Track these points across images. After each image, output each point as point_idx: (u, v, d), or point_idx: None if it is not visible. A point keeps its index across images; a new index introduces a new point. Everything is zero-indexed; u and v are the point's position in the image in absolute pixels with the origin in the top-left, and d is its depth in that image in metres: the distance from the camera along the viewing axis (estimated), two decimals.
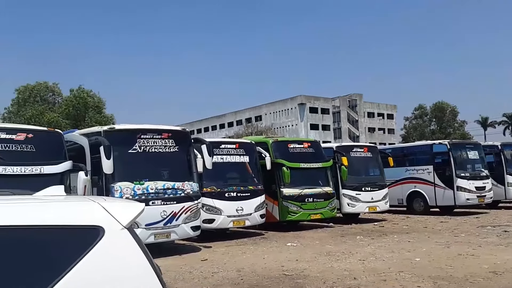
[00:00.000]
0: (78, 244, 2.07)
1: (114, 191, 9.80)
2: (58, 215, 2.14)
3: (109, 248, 2.11)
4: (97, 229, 2.12)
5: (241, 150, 13.51)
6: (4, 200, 2.37)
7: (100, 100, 48.22)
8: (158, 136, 10.75)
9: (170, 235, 10.33)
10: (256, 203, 13.04)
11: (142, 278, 2.15)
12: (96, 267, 2.05)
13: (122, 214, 2.21)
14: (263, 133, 47.21)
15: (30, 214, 2.11)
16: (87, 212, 2.19)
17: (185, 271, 8.47)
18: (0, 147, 8.73)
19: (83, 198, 2.48)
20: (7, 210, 2.12)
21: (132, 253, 2.16)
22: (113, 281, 2.08)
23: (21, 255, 1.99)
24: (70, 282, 1.97)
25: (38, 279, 1.95)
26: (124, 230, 2.19)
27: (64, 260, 2.01)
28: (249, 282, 7.56)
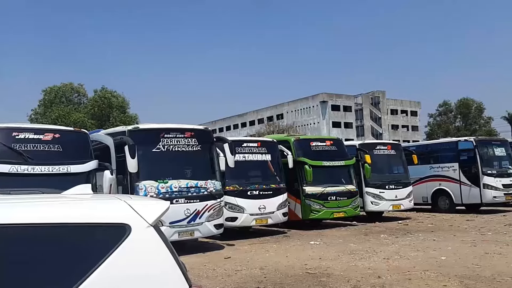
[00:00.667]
0: (105, 242, 2.13)
1: (139, 189, 9.95)
2: (86, 213, 2.20)
3: (136, 246, 2.16)
4: (123, 227, 2.17)
5: (263, 148, 13.53)
6: (34, 198, 2.45)
7: (124, 100, 49.02)
8: (181, 135, 10.86)
9: (193, 233, 10.43)
10: (278, 202, 13.04)
11: (168, 275, 2.20)
12: (123, 264, 2.11)
13: (148, 212, 2.27)
14: (284, 132, 47.09)
15: (60, 212, 2.18)
16: (114, 210, 2.25)
17: (209, 269, 8.55)
18: (29, 147, 8.96)
19: (110, 197, 2.54)
20: (37, 208, 2.20)
21: (158, 251, 2.21)
22: (140, 278, 2.13)
23: (52, 252, 2.06)
24: (98, 278, 2.03)
25: (68, 276, 2.01)
26: (150, 227, 2.24)
27: (92, 257, 2.07)
28: (272, 280, 7.58)
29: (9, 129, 9.05)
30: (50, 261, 2.04)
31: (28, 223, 2.05)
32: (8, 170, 8.49)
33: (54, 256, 2.05)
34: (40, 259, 2.03)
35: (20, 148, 8.82)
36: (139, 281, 2.12)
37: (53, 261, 2.04)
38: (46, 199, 2.45)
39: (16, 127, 9.26)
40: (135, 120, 46.45)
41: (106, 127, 28.86)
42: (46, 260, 2.04)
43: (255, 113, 78.47)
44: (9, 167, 8.51)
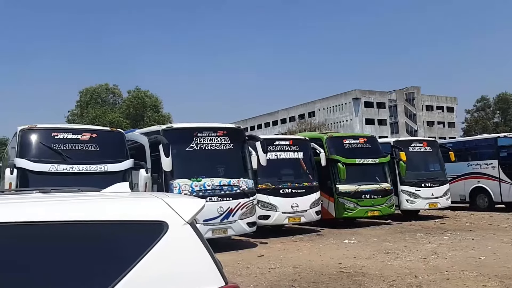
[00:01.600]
0: (143, 239, 2.16)
1: (173, 187, 10.10)
2: (125, 211, 2.25)
3: (173, 243, 2.19)
4: (161, 224, 2.20)
5: (295, 146, 13.48)
6: (75, 196, 2.51)
7: (157, 99, 49.86)
8: (213, 134, 10.96)
9: (227, 231, 10.51)
10: (311, 200, 12.96)
11: (205, 272, 2.21)
12: (161, 261, 2.14)
13: (184, 209, 2.29)
14: (316, 129, 46.77)
15: (100, 209, 2.23)
16: (152, 208, 2.29)
17: (242, 267, 8.59)
18: (67, 147, 9.25)
19: (148, 195, 2.58)
20: (78, 206, 2.26)
21: (194, 248, 2.23)
22: (177, 275, 2.16)
23: (92, 249, 2.11)
24: (137, 275, 2.07)
25: (108, 272, 2.05)
26: (187, 225, 2.26)
27: (131, 254, 2.11)
28: (306, 278, 7.55)
29: (49, 130, 9.36)
30: (90, 257, 2.09)
31: (69, 221, 2.10)
32: (48, 169, 8.79)
33: (94, 253, 2.10)
34: (80, 255, 2.08)
35: (59, 148, 9.12)
36: (176, 278, 2.15)
37: (93, 257, 2.09)
38: (86, 196, 2.51)
39: (55, 128, 9.58)
40: (168, 119, 47.23)
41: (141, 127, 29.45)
42: (87, 257, 2.09)
43: (286, 111, 78.22)
44: (49, 166, 8.81)
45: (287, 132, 49.57)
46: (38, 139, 9.13)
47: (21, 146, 9.00)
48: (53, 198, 2.45)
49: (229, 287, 2.24)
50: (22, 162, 8.70)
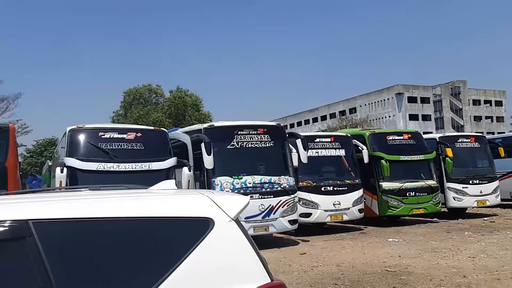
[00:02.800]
0: (190, 235, 2.20)
1: (215, 185, 10.22)
2: (173, 208, 2.30)
3: (219, 239, 2.22)
4: (207, 221, 2.24)
5: (336, 143, 13.32)
6: (124, 194, 2.59)
7: (198, 98, 50.57)
8: (254, 132, 11.01)
9: (268, 228, 10.53)
10: (354, 198, 12.78)
11: (251, 269, 2.23)
12: (207, 257, 2.17)
13: (229, 206, 2.32)
14: (358, 126, 46.06)
15: (149, 206, 2.29)
16: (198, 205, 2.32)
17: (285, 264, 8.58)
18: (113, 146, 9.55)
19: (194, 192, 2.62)
20: (128, 203, 2.32)
21: (240, 244, 2.25)
22: (223, 271, 2.18)
23: (141, 244, 2.17)
24: (184, 270, 2.11)
25: (156, 267, 2.10)
26: (232, 222, 2.29)
27: (178, 250, 2.15)
28: (349, 277, 7.45)
29: (96, 130, 9.71)
30: (140, 253, 2.14)
31: (120, 217, 2.17)
32: (96, 168, 9.12)
33: (144, 249, 2.16)
34: (130, 251, 2.14)
35: (106, 147, 9.44)
36: (222, 274, 2.17)
37: (143, 253, 2.15)
38: (135, 194, 2.58)
39: (102, 127, 9.92)
40: (208, 118, 47.82)
41: (182, 126, 30.01)
42: (136, 252, 2.14)
43: (326, 108, 77.40)
44: (96, 165, 9.13)
45: (328, 129, 49.12)
46: (86, 139, 9.47)
47: (70, 146, 9.37)
48: (104, 196, 2.53)
49: (275, 284, 2.24)
50: (71, 161, 9.06)
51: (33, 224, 2.03)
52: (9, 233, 2.01)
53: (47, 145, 48.75)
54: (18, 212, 2.08)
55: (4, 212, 2.07)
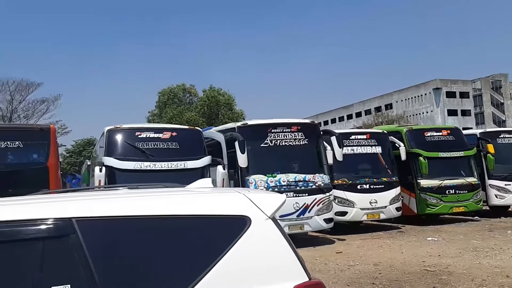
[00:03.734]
0: (227, 233, 2.20)
1: (249, 183, 10.24)
2: (210, 206, 2.30)
3: (256, 237, 2.21)
4: (244, 219, 2.23)
5: (372, 140, 13.10)
6: (162, 192, 2.62)
7: (230, 97, 50.86)
8: (287, 130, 10.96)
9: (303, 227, 10.47)
10: (391, 196, 12.53)
11: (288, 267, 2.20)
12: (245, 254, 2.16)
13: (266, 204, 2.30)
14: (394, 122, 45.17)
15: (187, 204, 2.31)
16: (235, 203, 2.32)
17: (320, 263, 8.51)
18: (150, 145, 9.74)
19: (230, 190, 2.62)
20: (167, 201, 2.35)
21: (277, 242, 2.23)
22: (260, 269, 2.17)
23: (180, 242, 2.19)
24: (222, 268, 2.11)
25: (195, 264, 2.11)
26: (269, 220, 2.27)
27: (215, 248, 2.16)
28: (387, 276, 7.30)
29: (133, 129, 9.92)
30: (179, 250, 2.16)
31: (160, 215, 2.20)
32: (133, 167, 9.32)
33: (183, 246, 2.18)
34: (170, 248, 2.17)
35: (143, 146, 9.63)
36: (260, 272, 2.16)
37: (182, 250, 2.16)
38: (173, 192, 2.60)
39: (138, 127, 10.13)
40: (241, 116, 48.01)
41: (216, 125, 30.29)
42: (176, 250, 2.17)
43: (361, 104, 76.22)
44: (134, 164, 9.34)
45: (363, 126, 48.38)
46: (123, 139, 9.70)
47: (108, 146, 9.62)
48: (143, 194, 2.56)
49: (313, 283, 2.21)
50: (109, 160, 9.30)
51: (76, 222, 2.08)
52: (54, 231, 2.07)
53: (86, 145, 50.24)
54: (63, 210, 2.14)
55: (49, 211, 2.13)
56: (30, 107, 41.13)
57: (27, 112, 41.02)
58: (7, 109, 40.40)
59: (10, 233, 2.04)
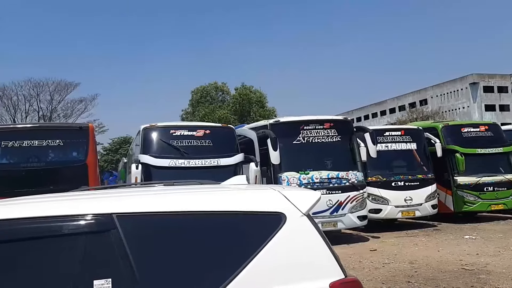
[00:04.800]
0: (263, 229, 2.23)
1: (282, 180, 10.26)
2: (246, 202, 2.34)
3: (291, 234, 2.23)
4: (279, 216, 2.25)
5: (407, 136, 12.88)
6: (199, 189, 2.67)
7: (262, 94, 50.89)
8: (320, 127, 10.91)
9: (336, 224, 10.41)
10: (426, 193, 12.29)
11: (324, 264, 2.21)
12: (281, 251, 2.19)
13: (301, 201, 2.32)
14: (429, 118, 44.09)
15: (223, 201, 2.36)
16: (270, 200, 2.35)
17: (355, 261, 8.44)
18: (184, 143, 9.90)
19: (265, 187, 2.65)
20: (204, 197, 2.40)
21: (313, 239, 2.25)
22: (296, 266, 2.19)
23: (217, 237, 2.23)
24: (259, 264, 2.14)
25: (230, 261, 2.15)
26: (304, 217, 2.29)
27: (251, 244, 2.19)
28: (423, 275, 7.18)
29: (167, 127, 10.12)
30: (216, 246, 2.21)
31: (197, 211, 2.25)
32: (168, 164, 9.51)
33: (219, 242, 2.22)
34: (207, 243, 2.21)
35: (177, 144, 9.81)
36: (295, 269, 2.18)
37: (219, 246, 2.21)
38: (209, 189, 2.65)
39: (173, 125, 10.33)
40: (273, 114, 48.00)
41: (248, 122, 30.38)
42: (213, 245, 2.21)
43: (395, 100, 74.73)
44: (168, 161, 9.53)
45: (397, 122, 47.48)
46: (158, 137, 9.90)
47: (144, 143, 9.84)
48: (180, 190, 2.62)
49: (349, 280, 2.22)
50: (145, 158, 9.51)
51: (117, 218, 2.15)
52: (96, 226, 2.15)
53: (122, 143, 51.42)
54: (104, 206, 2.22)
55: (91, 206, 2.22)
56: (69, 106, 42.49)
57: (66, 111, 42.40)
58: (47, 109, 41.85)
59: (54, 228, 2.13)
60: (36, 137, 9.10)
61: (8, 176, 8.94)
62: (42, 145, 9.13)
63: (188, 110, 53.26)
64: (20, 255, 2.09)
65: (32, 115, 41.03)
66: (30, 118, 40.50)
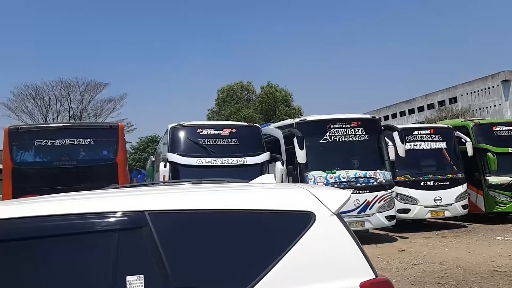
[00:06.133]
0: (292, 228, 2.23)
1: (308, 179, 10.21)
2: (275, 201, 2.34)
3: (321, 233, 2.22)
4: (308, 215, 2.25)
5: (437, 135, 12.63)
6: (228, 187, 2.70)
7: (287, 93, 50.76)
8: (347, 125, 10.82)
9: (364, 224, 10.31)
10: (456, 193, 12.03)
11: (354, 263, 2.20)
12: (310, 250, 2.18)
13: (331, 200, 2.31)
14: (459, 116, 43.12)
15: (253, 199, 2.36)
16: (299, 198, 2.34)
17: (383, 261, 8.34)
18: (210, 142, 9.98)
19: (294, 186, 2.64)
20: (234, 195, 2.42)
21: (343, 239, 2.23)
22: (326, 265, 2.18)
23: (247, 235, 2.24)
24: (288, 262, 2.14)
25: (260, 259, 2.16)
26: (333, 216, 2.28)
27: (281, 242, 2.19)
28: (454, 276, 7.03)
29: (195, 126, 10.22)
30: (246, 244, 2.22)
31: (227, 209, 2.27)
32: (195, 163, 9.62)
33: (249, 240, 2.23)
34: (237, 241, 2.23)
35: (204, 143, 9.90)
36: (325, 268, 2.17)
37: (248, 244, 2.22)
38: (240, 187, 2.67)
39: (200, 124, 10.43)
40: (299, 112, 47.81)
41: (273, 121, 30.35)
42: (242, 243, 2.22)
43: (423, 98, 73.24)
44: (196, 160, 9.63)
45: (425, 121, 46.58)
46: (186, 135, 10.02)
47: (172, 142, 9.97)
48: (210, 189, 2.65)
49: (380, 280, 2.20)
50: (173, 156, 9.64)
51: (148, 215, 2.19)
52: (128, 223, 2.19)
53: (149, 142, 52.21)
54: (136, 203, 2.26)
55: (124, 204, 2.26)
56: (98, 106, 43.32)
57: (96, 111, 43.25)
58: (78, 108, 42.83)
59: (89, 225, 2.19)
60: (68, 136, 9.35)
61: (41, 174, 9.21)
62: (73, 144, 9.36)
63: (214, 109, 53.62)
64: (57, 250, 2.15)
65: (63, 115, 42.08)
66: (61, 118, 41.50)
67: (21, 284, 2.08)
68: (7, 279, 2.07)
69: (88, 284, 2.08)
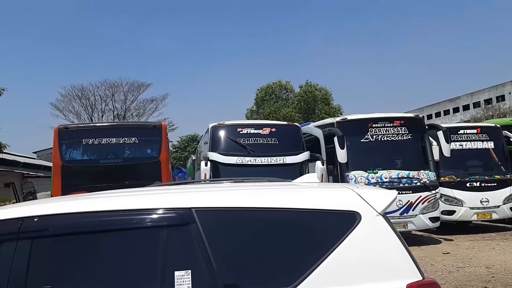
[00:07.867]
0: (338, 228, 2.23)
1: (349, 179, 10.09)
2: (320, 200, 2.35)
3: (367, 233, 2.21)
4: (354, 215, 2.24)
5: (483, 135, 12.19)
6: (272, 186, 2.72)
7: (327, 92, 50.26)
8: (390, 124, 10.62)
9: (407, 225, 10.09)
10: (505, 194, 11.56)
11: (400, 264, 2.17)
12: (356, 250, 2.17)
13: (376, 201, 2.29)
14: (507, 115, 41.35)
15: (297, 198, 2.38)
16: (344, 198, 2.34)
17: (426, 263, 8.14)
18: (250, 141, 10.05)
19: (339, 185, 2.64)
20: (278, 194, 2.45)
21: (388, 239, 2.21)
22: (371, 265, 2.16)
23: (292, 234, 2.26)
24: (333, 262, 2.14)
25: (305, 258, 2.17)
26: (379, 216, 2.26)
27: (326, 242, 2.19)
28: (502, 280, 6.78)
29: (235, 126, 10.32)
30: (290, 242, 2.24)
31: (273, 207, 2.29)
32: (235, 162, 9.71)
33: (294, 239, 2.25)
34: (282, 240, 2.25)
35: (244, 142, 9.98)
36: (370, 269, 2.16)
37: (293, 243, 2.24)
38: (282, 186, 2.69)
39: (240, 124, 10.52)
40: (339, 111, 47.26)
41: (313, 120, 30.16)
42: (287, 242, 2.24)
43: (469, 96, 70.71)
44: (236, 159, 9.72)
45: (471, 120, 44.96)
46: (226, 135, 10.13)
47: (212, 141, 10.11)
48: (255, 187, 2.68)
49: (428, 282, 2.16)
50: (214, 155, 9.77)
51: (195, 212, 2.25)
52: (177, 219, 2.26)
53: (190, 141, 53.02)
54: (183, 200, 2.33)
55: (172, 201, 2.33)
56: (141, 106, 44.45)
57: (139, 110, 44.40)
58: (122, 108, 44.09)
59: (139, 221, 2.27)
60: (114, 135, 9.64)
61: (89, 172, 9.56)
62: (119, 143, 9.65)
63: (253, 108, 53.83)
64: (110, 245, 2.25)
65: (107, 114, 43.43)
66: (106, 117, 42.86)
67: (79, 274, 2.18)
68: (65, 270, 2.18)
69: (139, 277, 2.16)
